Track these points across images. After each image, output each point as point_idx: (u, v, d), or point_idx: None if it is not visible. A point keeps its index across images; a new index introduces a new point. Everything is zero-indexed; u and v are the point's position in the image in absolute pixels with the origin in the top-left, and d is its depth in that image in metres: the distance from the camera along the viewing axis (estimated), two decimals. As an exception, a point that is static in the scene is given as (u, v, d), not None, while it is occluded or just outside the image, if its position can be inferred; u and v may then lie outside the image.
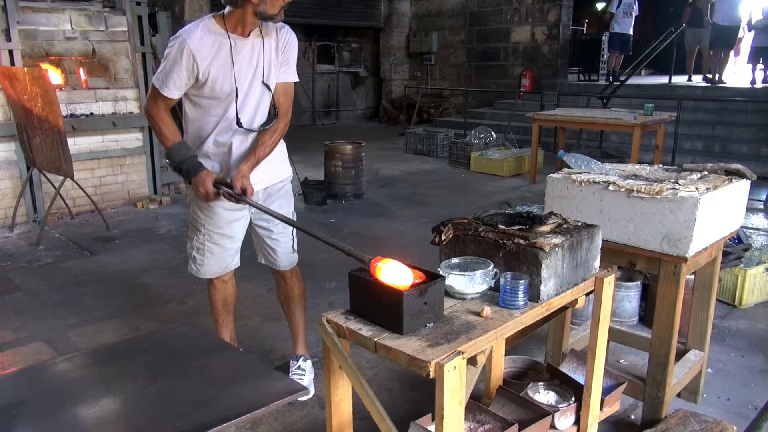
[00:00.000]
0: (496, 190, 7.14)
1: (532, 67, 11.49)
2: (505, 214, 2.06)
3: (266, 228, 2.61)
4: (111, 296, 3.93)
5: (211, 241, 2.56)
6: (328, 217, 5.92)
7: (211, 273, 2.62)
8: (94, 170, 5.97)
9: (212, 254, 2.58)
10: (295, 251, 2.66)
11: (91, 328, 3.47)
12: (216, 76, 2.30)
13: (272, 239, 2.61)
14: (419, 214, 5.84)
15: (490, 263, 1.79)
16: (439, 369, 1.43)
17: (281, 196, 2.57)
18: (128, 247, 4.95)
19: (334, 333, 1.66)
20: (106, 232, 5.33)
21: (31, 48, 5.60)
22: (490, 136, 8.78)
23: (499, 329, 1.63)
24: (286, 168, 2.61)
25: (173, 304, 3.82)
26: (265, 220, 2.58)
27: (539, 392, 2.25)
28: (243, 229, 2.61)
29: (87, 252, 4.79)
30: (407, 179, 7.72)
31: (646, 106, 6.70)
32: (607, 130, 8.42)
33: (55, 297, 3.92)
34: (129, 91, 6.11)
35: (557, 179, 2.46)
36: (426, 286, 1.59)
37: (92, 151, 5.91)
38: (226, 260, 2.62)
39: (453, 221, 1.97)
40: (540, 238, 1.80)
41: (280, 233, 2.60)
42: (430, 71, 13.47)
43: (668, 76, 10.28)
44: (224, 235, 2.56)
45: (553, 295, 1.81)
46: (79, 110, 5.81)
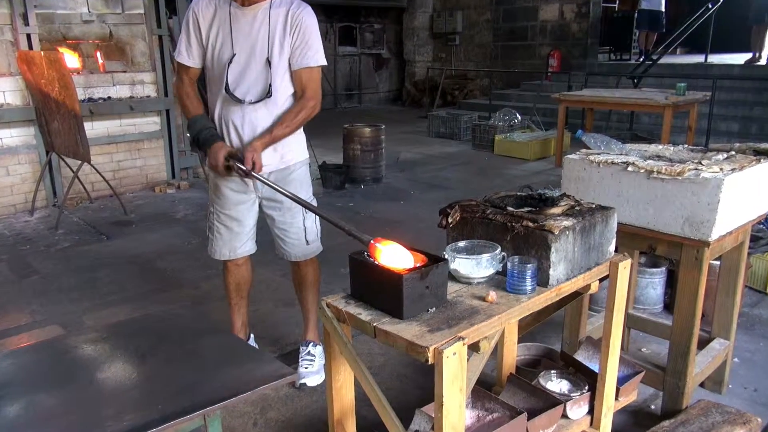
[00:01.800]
0: (520, 173, 7.05)
1: (560, 46, 11.27)
2: (516, 196, 2.03)
3: (271, 217, 2.62)
4: (126, 280, 3.99)
5: (219, 222, 2.62)
6: (346, 201, 5.91)
7: (220, 254, 2.67)
8: (112, 154, 6.06)
9: (220, 235, 2.63)
10: (311, 243, 2.62)
11: (105, 312, 3.53)
12: (215, 43, 2.38)
13: (279, 228, 2.61)
14: (439, 199, 5.79)
15: (498, 246, 1.76)
16: (438, 355, 1.41)
17: (288, 183, 2.51)
18: (145, 231, 5.02)
19: (334, 317, 1.66)
20: (124, 216, 5.41)
21: (48, 32, 5.68)
22: (515, 119, 8.66)
23: (504, 315, 1.60)
24: (298, 153, 2.56)
25: (188, 288, 3.86)
26: (273, 208, 2.58)
27: (551, 380, 2.22)
28: (251, 214, 2.62)
29: (104, 236, 4.88)
30: (428, 163, 7.67)
31: (678, 86, 6.51)
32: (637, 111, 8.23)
33: (72, 281, 4.00)
34: (146, 75, 6.17)
35: (574, 160, 2.41)
36: (428, 269, 1.57)
37: (110, 135, 5.99)
38: (234, 243, 2.64)
39: (460, 203, 1.94)
40: (550, 220, 1.76)
41: (287, 224, 2.58)
42: (455, 52, 13.32)
43: (704, 55, 9.97)
44: (231, 216, 2.59)
45: (564, 279, 1.77)
46: (96, 94, 5.89)
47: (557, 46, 11.27)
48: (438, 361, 1.41)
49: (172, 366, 1.46)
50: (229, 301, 2.82)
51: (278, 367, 1.43)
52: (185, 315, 1.71)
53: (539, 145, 7.83)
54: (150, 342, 1.55)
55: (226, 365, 1.44)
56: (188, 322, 1.67)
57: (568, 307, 2.56)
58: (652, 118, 8.56)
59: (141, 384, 1.39)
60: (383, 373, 2.86)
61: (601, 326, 2.74)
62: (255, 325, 3.22)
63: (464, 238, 1.87)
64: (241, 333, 2.89)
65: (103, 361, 1.52)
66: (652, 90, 7.30)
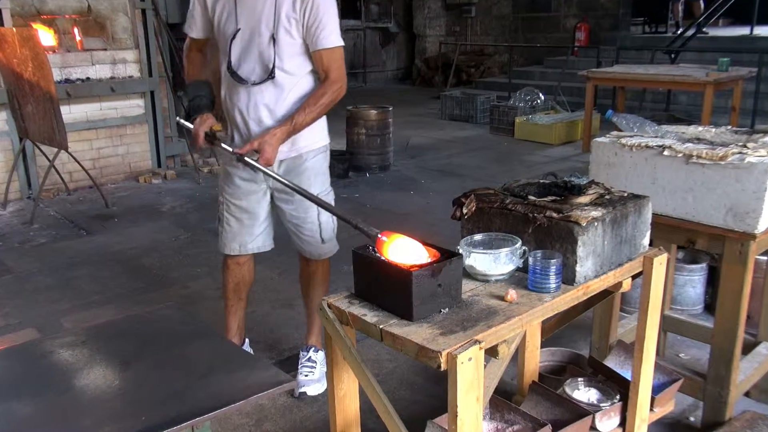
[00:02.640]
0: (544, 160, 7.02)
1: (588, 18, 11.19)
2: (539, 184, 2.02)
3: (282, 210, 2.62)
4: (108, 279, 4.02)
5: (229, 213, 2.66)
6: (350, 191, 5.92)
7: (228, 248, 2.70)
8: (91, 141, 6.08)
9: (230, 227, 2.67)
10: (326, 241, 2.63)
11: (86, 314, 3.55)
12: (220, 15, 2.44)
13: (291, 223, 2.62)
14: (453, 188, 5.77)
15: (518, 240, 1.75)
16: (452, 360, 1.41)
17: (300, 174, 2.52)
18: (128, 225, 5.05)
19: (336, 319, 1.65)
20: (105, 209, 5.44)
21: (21, 6, 5.70)
22: (538, 99, 8.63)
23: (525, 316, 1.59)
24: (313, 139, 2.55)
25: (175, 288, 3.88)
26: (284, 201, 2.59)
27: (579, 389, 2.21)
28: (263, 206, 2.63)
29: (84, 231, 4.91)
30: (441, 148, 7.65)
31: (720, 61, 6.45)
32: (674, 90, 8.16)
33: (49, 280, 4.02)
34: (128, 53, 6.18)
35: (604, 144, 2.40)
36: (440, 265, 1.56)
37: (89, 120, 6.01)
38: (244, 237, 2.67)
39: (476, 192, 1.94)
40: (576, 210, 1.75)
41: (300, 218, 2.58)
42: (470, 25, 13.25)
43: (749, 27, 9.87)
44: (241, 208, 2.63)
45: (592, 276, 1.76)
46: (74, 75, 5.91)
47: (585, 18, 11.19)
48: (452, 367, 1.41)
49: (157, 372, 1.46)
50: (226, 302, 2.84)
51: (275, 374, 1.43)
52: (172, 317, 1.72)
53: (564, 128, 7.79)
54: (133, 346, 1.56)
55: (217, 372, 1.44)
56: (176, 324, 1.68)
57: (596, 308, 2.55)
58: (691, 97, 8.49)
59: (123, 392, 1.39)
60: (391, 380, 2.86)
61: (633, 329, 2.73)
62: (251, 328, 3.24)
63: (481, 231, 1.85)
64: (236, 338, 2.90)
65: (82, 366, 1.53)
66: (692, 66, 7.24)
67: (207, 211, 5.22)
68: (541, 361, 2.48)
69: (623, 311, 3.08)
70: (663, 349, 2.91)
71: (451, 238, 1.93)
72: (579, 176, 2.07)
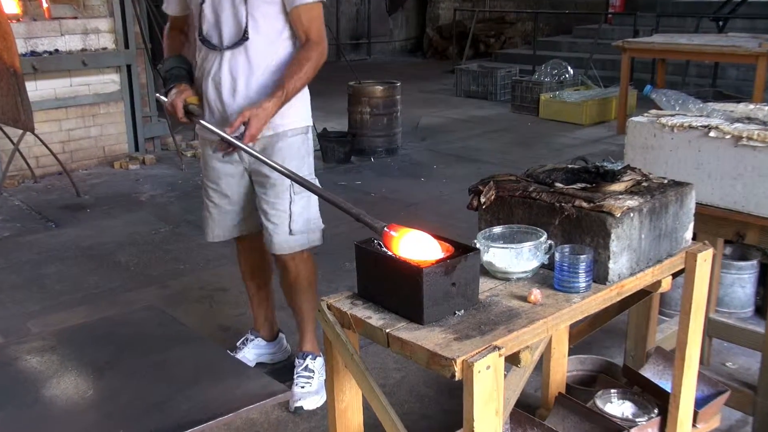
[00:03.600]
0: (573, 142, 7.00)
1: (624, -20, 11.11)
2: (566, 170, 2.01)
3: (257, 193, 2.66)
4: (80, 278, 4.04)
5: (208, 198, 2.75)
6: (352, 178, 5.92)
7: (211, 235, 2.80)
8: (60, 122, 6.10)
9: (210, 214, 2.76)
10: (295, 233, 2.64)
11: (56, 317, 3.58)
12: None
13: (261, 209, 2.63)
14: (469, 175, 5.76)
15: (543, 233, 1.75)
16: (468, 369, 1.41)
17: (274, 154, 2.53)
18: (102, 217, 5.06)
19: (336, 322, 1.66)
20: (76, 198, 5.45)
21: (-21, -32, 5.70)
22: (566, 73, 8.60)
23: (551, 319, 1.59)
24: (292, 118, 2.57)
25: (155, 287, 3.90)
26: (258, 183, 2.62)
27: (611, 402, 2.22)
28: (243, 190, 2.69)
29: (52, 223, 4.92)
30: (456, 129, 7.63)
31: (775, 29, 6.40)
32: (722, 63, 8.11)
33: (13, 278, 4.05)
34: (102, 21, 6.18)
35: (641, 124, 2.39)
36: (454, 261, 1.56)
37: (58, 98, 6.02)
38: (226, 222, 2.76)
39: (496, 179, 1.94)
40: (610, 199, 1.75)
41: (270, 203, 2.60)
42: (489, -11, 13.19)
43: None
44: (219, 192, 2.71)
45: (627, 275, 1.76)
46: (41, 46, 5.92)
47: (620, -20, 11.12)
48: (467, 376, 1.41)
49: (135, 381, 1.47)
50: (247, 291, 3.00)
51: (267, 384, 1.44)
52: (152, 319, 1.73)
53: (596, 106, 7.77)
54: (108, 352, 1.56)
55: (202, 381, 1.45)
56: (155, 327, 1.68)
57: (632, 310, 2.55)
58: (742, 71, 8.44)
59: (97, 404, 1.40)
60: (399, 392, 2.87)
61: (674, 334, 2.72)
62: (239, 331, 3.25)
63: (501, 223, 1.85)
64: (265, 329, 3.01)
65: (51, 375, 1.54)
66: (742, 35, 7.18)
67: (191, 201, 5.24)
68: (569, 371, 2.48)
69: (662, 314, 3.08)
70: (707, 357, 2.91)
71: (467, 231, 1.93)
72: (612, 161, 2.06)
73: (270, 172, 2.52)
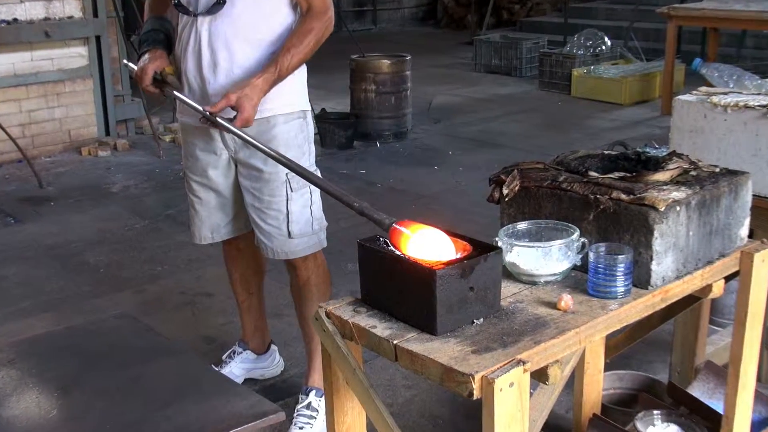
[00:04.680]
0: (610, 125, 6.98)
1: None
2: (603, 156, 2.01)
3: (246, 189, 2.61)
4: (43, 281, 4.05)
5: (193, 193, 2.73)
6: (354, 166, 5.92)
7: (198, 236, 2.79)
8: (20, 102, 6.11)
9: (196, 212, 2.75)
10: (295, 236, 2.61)
11: (16, 326, 3.59)
12: None
13: (253, 207, 2.61)
14: (490, 162, 5.76)
15: (576, 230, 1.75)
16: (488, 386, 1.40)
17: (267, 143, 2.43)
18: (68, 211, 5.08)
19: (337, 332, 1.66)
20: (39, 190, 5.47)
21: (-74, -75, 5.72)
22: (603, 44, 8.57)
23: (584, 328, 1.59)
24: (285, 100, 2.54)
25: (128, 292, 3.91)
26: (248, 177, 2.59)
27: (654, 425, 2.21)
28: (231, 181, 2.66)
29: (11, 218, 4.95)
30: (475, 110, 7.62)
31: None
32: (784, 32, 8.06)
33: (-34, 281, 4.06)
34: (67, -14, 6.20)
35: (689, 104, 2.39)
36: (472, 262, 1.56)
37: (17, 75, 6.04)
38: (214, 221, 2.74)
39: (521, 167, 1.93)
40: (652, 191, 1.74)
41: (264, 201, 2.58)
42: (514, -53, 13.14)
43: None
44: (203, 185, 2.68)
45: (672, 278, 1.76)
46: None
47: (665, -63, 11.07)
48: (488, 395, 1.41)
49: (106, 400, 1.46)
50: (236, 298, 2.99)
51: (256, 403, 1.44)
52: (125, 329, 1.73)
53: (638, 83, 7.74)
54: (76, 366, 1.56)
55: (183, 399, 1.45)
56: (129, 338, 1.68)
57: (678, 319, 2.55)
58: (807, 41, 8.38)
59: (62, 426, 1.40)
60: (409, 413, 2.87)
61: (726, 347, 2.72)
62: (226, 343, 3.26)
63: (526, 218, 1.85)
64: (255, 341, 3.02)
65: (10, 393, 1.53)
66: (808, 0, 7.14)
67: (170, 192, 5.25)
68: (605, 389, 2.48)
69: (713, 323, 3.07)
70: (765, 374, 2.90)
71: (488, 228, 1.93)
72: (656, 146, 2.06)
73: (263, 164, 2.49)
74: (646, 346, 3.05)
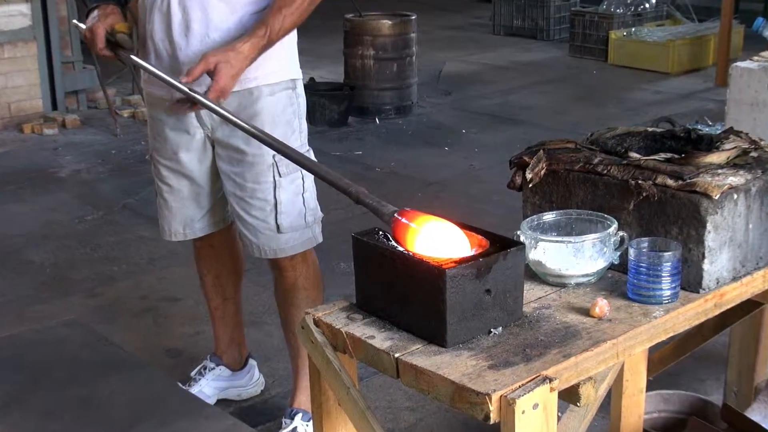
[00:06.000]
0: (655, 98, 6.97)
1: None
2: (645, 134, 2.01)
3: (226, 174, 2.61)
4: (-23, 283, 4.05)
5: (162, 180, 2.71)
6: (349, 146, 5.91)
7: (168, 232, 2.78)
8: (-51, 69, 6.12)
9: (165, 202, 2.73)
10: (284, 230, 2.61)
11: (-56, 336, 3.60)
12: None
13: (235, 196, 2.60)
14: (511, 142, 5.76)
15: (613, 222, 1.75)
16: (508, 408, 1.41)
17: (251, 119, 2.45)
18: (8, 200, 5.06)
19: (327, 344, 1.66)
20: (-28, 174, 5.47)
21: None
22: (646, 2, 8.56)
23: (623, 339, 1.59)
24: (272, 68, 2.54)
25: (79, 296, 3.90)
26: (227, 160, 2.57)
27: (706, 454, 2.21)
28: (207, 165, 2.66)
29: (-61, 208, 4.94)
30: (493, 80, 7.62)
31: None
32: None
33: None
34: (5, -69, 6.19)
35: (749, 72, 2.38)
36: (489, 260, 1.56)
37: (-54, 37, 6.04)
38: (187, 213, 2.72)
39: (548, 147, 1.93)
40: (705, 175, 1.74)
41: (247, 189, 2.58)
42: None
43: None
44: (174, 170, 2.67)
45: (728, 279, 1.76)
46: None
47: None
48: (508, 419, 1.41)
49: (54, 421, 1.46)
50: (208, 304, 2.97)
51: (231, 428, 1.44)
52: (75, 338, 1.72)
53: (687, 47, 7.75)
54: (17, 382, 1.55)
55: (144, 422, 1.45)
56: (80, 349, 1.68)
57: (735, 329, 2.55)
58: None
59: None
60: (414, 440, 2.88)
61: (793, 362, 2.73)
62: (197, 356, 3.26)
63: (554, 208, 1.85)
64: (230, 354, 3.00)
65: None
66: None
67: (129, 178, 5.24)
68: (648, 412, 2.48)
69: (777, 334, 3.08)
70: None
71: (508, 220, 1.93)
72: (710, 123, 2.05)
73: (246, 144, 2.48)
74: (697, 362, 3.05)
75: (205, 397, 2.88)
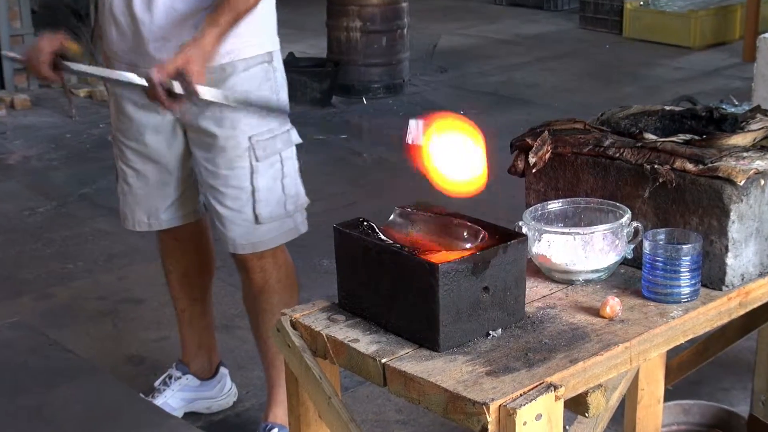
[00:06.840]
0: (675, 75, 6.99)
1: None
2: (662, 113, 2.02)
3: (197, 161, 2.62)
4: None
5: (126, 163, 2.72)
6: (333, 128, 5.92)
7: (131, 221, 2.79)
8: None
9: (129, 188, 2.74)
10: (264, 220, 2.63)
11: None
12: None
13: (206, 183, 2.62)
14: (514, 124, 5.73)
15: (626, 211, 1.76)
16: (508, 418, 1.41)
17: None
18: (-51, 189, 5.07)
19: (306, 348, 1.66)
20: None
21: None
22: (665, -31, 8.59)
23: (637, 342, 1.59)
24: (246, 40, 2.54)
25: (29, 296, 3.91)
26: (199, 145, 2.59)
27: (730, 471, 2.22)
28: (176, 152, 2.67)
29: None
30: (495, 55, 7.65)
31: None
32: None
33: None
34: None
35: (779, 43, 2.39)
36: (487, 254, 1.56)
37: None
38: (152, 201, 2.73)
39: (553, 127, 1.93)
40: (729, 159, 1.74)
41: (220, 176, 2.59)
42: None
43: None
44: (140, 153, 2.68)
45: (755, 275, 1.76)
46: None
47: None
48: (507, 430, 1.41)
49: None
50: (174, 305, 2.98)
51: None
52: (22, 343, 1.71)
53: (711, 19, 7.78)
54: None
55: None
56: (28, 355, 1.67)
57: (763, 331, 2.56)
58: None
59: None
60: (405, 457, 2.89)
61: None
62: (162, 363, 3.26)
63: (560, 195, 1.86)
64: (199, 362, 3.00)
65: None
66: None
67: (84, 165, 5.24)
68: (666, 424, 2.49)
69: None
70: None
71: (508, 209, 1.93)
72: (735, 102, 2.06)
73: (216, 126, 2.50)
74: (720, 368, 3.07)
75: (171, 410, 2.89)
